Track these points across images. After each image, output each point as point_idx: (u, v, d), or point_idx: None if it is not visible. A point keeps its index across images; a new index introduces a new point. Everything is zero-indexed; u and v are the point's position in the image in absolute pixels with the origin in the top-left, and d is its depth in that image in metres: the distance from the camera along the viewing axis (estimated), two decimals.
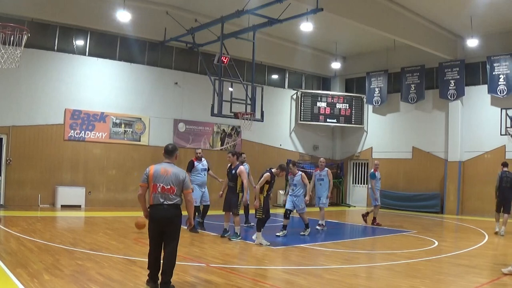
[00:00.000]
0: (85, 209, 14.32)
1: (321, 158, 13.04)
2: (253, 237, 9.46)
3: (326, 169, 12.35)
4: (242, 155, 11.84)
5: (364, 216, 13.49)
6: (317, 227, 11.85)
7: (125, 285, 5.66)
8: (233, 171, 9.69)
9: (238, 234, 9.67)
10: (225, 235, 9.80)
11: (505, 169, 11.97)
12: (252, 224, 11.55)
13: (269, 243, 9.04)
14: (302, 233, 10.65)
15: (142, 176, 5.49)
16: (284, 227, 10.54)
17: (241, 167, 9.79)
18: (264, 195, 9.18)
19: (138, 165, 15.15)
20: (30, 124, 14.12)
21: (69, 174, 14.75)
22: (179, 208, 5.42)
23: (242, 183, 9.56)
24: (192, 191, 10.40)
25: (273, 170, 9.31)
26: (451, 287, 6.40)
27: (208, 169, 11.21)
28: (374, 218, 13.26)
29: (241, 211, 11.26)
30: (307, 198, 10.60)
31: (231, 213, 9.76)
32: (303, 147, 20.98)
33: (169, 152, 5.61)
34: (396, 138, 19.88)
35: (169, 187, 5.34)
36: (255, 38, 14.49)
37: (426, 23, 16.38)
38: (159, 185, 5.34)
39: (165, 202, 5.33)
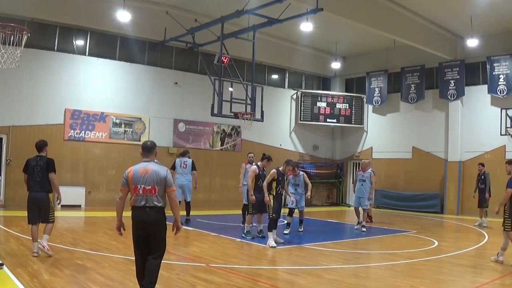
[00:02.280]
0: (85, 209, 14.33)
1: (364, 160, 13.35)
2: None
3: (369, 170, 12.35)
4: (249, 154, 12.12)
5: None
6: (356, 227, 12.09)
7: (125, 285, 5.66)
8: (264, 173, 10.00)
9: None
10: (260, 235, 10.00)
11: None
12: (251, 225, 11.62)
13: (275, 245, 8.89)
14: (299, 230, 11.13)
15: (122, 179, 5.07)
16: (288, 224, 11.02)
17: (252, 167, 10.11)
18: (274, 194, 9.23)
19: None
20: (30, 124, 14.12)
21: (69, 174, 14.75)
22: (163, 211, 4.99)
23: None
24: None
25: (280, 168, 9.43)
26: (451, 287, 6.40)
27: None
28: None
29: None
30: (308, 194, 10.98)
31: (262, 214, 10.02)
32: (303, 147, 20.99)
33: (148, 149, 5.17)
34: (396, 138, 19.88)
35: (150, 187, 4.89)
36: (255, 38, 14.50)
37: (426, 23, 16.38)
38: (140, 186, 4.89)
39: (147, 205, 4.88)
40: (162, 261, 5.09)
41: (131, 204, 4.99)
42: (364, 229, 11.88)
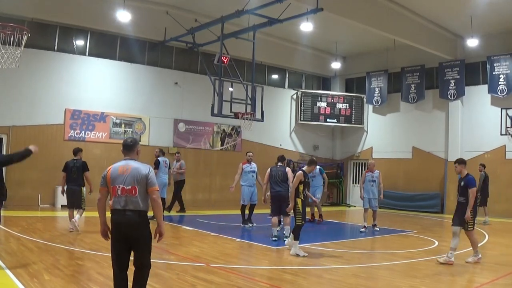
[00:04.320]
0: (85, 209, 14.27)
1: (371, 160, 13.19)
2: (285, 242, 8.73)
3: (377, 171, 12.18)
4: (248, 153, 12.09)
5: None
6: (362, 230, 11.80)
7: None
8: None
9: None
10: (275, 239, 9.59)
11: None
12: (252, 225, 11.65)
13: (306, 254, 8.14)
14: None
15: (100, 178, 4.63)
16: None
17: (288, 168, 9.94)
18: (302, 198, 8.37)
19: None
20: (30, 124, 14.12)
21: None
22: (145, 215, 4.46)
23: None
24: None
25: (304, 168, 8.73)
26: (451, 287, 6.40)
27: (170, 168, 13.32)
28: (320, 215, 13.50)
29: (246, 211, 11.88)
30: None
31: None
32: (303, 147, 20.98)
33: (128, 147, 4.71)
34: (396, 138, 19.87)
35: (130, 187, 4.39)
36: (255, 38, 14.50)
37: (426, 23, 16.37)
38: (119, 186, 4.41)
39: (127, 208, 4.38)
40: (162, 262, 5.02)
41: (110, 207, 4.52)
42: (378, 229, 11.86)
